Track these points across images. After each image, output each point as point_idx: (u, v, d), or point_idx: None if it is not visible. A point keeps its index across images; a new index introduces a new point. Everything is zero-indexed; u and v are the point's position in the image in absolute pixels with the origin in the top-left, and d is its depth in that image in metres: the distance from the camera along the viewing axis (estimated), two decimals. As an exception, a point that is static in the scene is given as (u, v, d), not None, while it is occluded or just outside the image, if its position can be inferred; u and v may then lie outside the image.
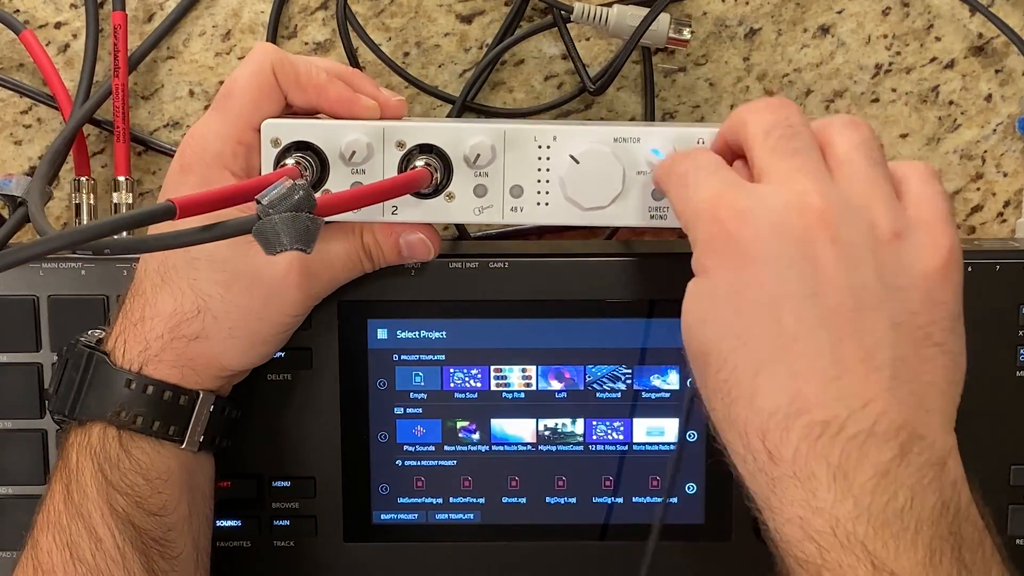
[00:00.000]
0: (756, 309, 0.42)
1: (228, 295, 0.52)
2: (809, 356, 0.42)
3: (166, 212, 0.40)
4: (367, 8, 0.67)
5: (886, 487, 0.41)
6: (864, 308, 0.42)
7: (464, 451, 0.60)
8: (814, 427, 0.41)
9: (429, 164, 0.52)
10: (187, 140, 0.53)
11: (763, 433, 0.42)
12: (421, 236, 0.55)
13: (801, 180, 0.44)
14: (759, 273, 0.43)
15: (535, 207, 0.53)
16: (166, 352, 0.53)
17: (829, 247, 0.43)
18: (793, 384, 0.42)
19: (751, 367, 0.43)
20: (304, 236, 0.41)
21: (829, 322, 0.42)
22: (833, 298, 0.42)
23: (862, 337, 0.42)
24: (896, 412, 0.41)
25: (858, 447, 0.41)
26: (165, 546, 0.53)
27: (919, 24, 0.68)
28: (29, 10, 0.67)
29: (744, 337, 0.43)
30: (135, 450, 0.52)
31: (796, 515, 0.41)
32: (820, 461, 0.41)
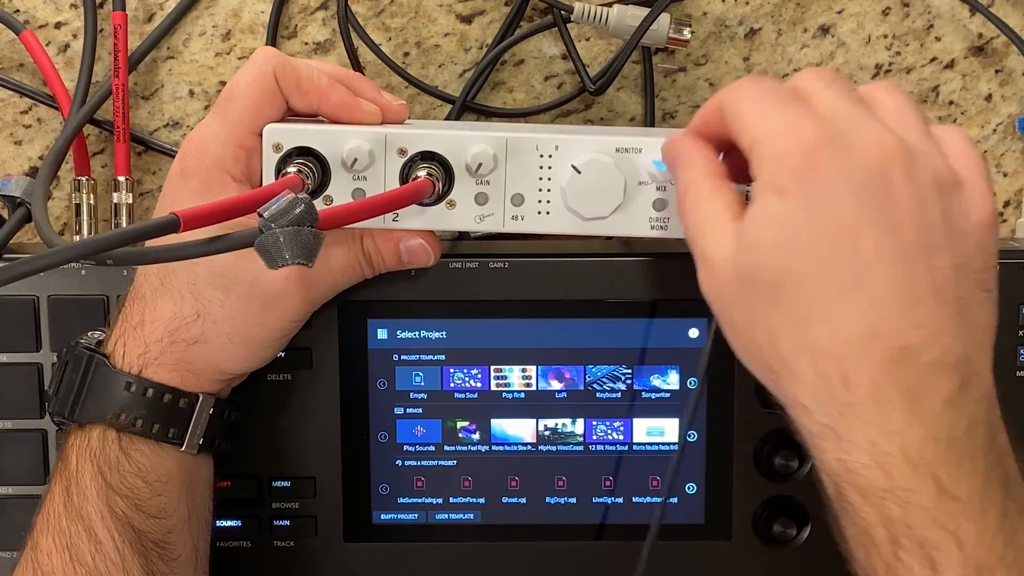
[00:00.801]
0: (837, 234, 0.43)
1: (227, 300, 0.52)
2: (888, 284, 0.43)
3: (170, 225, 0.41)
4: (367, 8, 0.67)
5: (951, 414, 0.42)
6: (934, 246, 0.44)
7: (464, 451, 0.60)
8: (892, 352, 0.42)
9: (431, 173, 0.51)
10: (187, 144, 0.53)
11: (840, 357, 0.43)
12: (421, 242, 0.55)
13: (875, 124, 0.45)
14: (841, 201, 0.43)
15: (536, 216, 0.53)
16: (165, 356, 0.53)
17: (905, 184, 0.44)
18: (872, 310, 0.43)
19: (830, 290, 0.43)
20: (306, 251, 0.42)
21: (905, 254, 0.43)
22: (908, 233, 0.43)
23: (933, 273, 0.43)
24: (960, 346, 0.43)
25: (929, 374, 0.42)
26: (165, 548, 0.53)
27: (919, 24, 0.68)
28: (29, 10, 0.67)
29: (824, 260, 0.43)
30: (135, 453, 0.52)
31: (867, 439, 0.42)
32: (895, 385, 0.42)
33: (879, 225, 0.43)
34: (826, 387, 0.43)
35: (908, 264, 0.43)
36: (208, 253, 0.42)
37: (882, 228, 0.43)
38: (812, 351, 0.43)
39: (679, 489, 0.60)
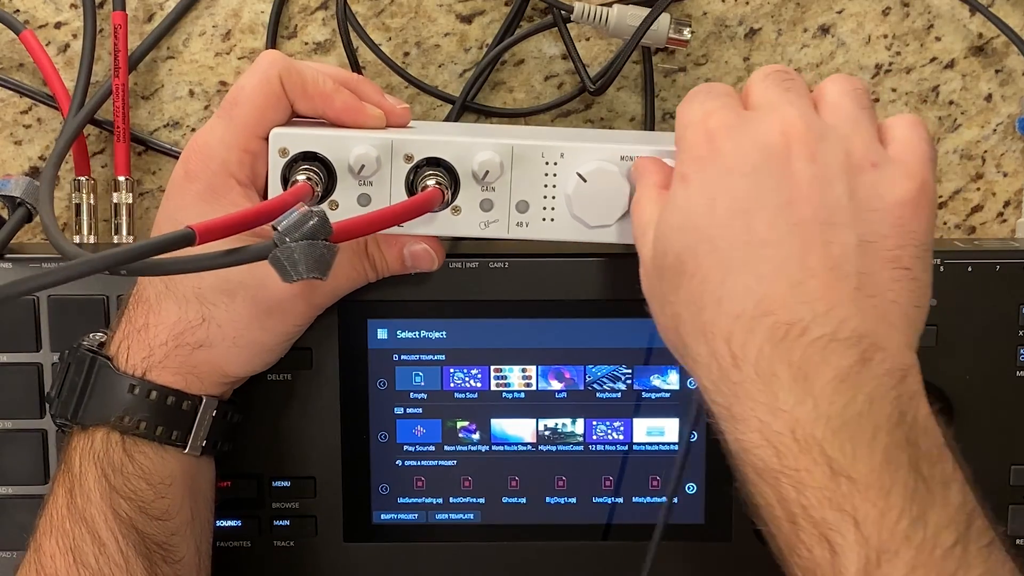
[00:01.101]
0: (731, 216, 0.44)
1: (233, 305, 0.52)
2: (777, 261, 0.43)
3: (185, 239, 0.41)
4: (367, 8, 0.67)
5: (845, 391, 0.41)
6: (834, 223, 0.44)
7: (464, 451, 0.60)
8: (778, 328, 0.42)
9: (440, 182, 0.51)
10: (192, 147, 0.53)
11: (728, 335, 0.43)
12: (425, 247, 0.55)
13: (788, 109, 0.46)
14: (736, 182, 0.44)
15: (540, 223, 0.53)
16: (169, 359, 0.53)
17: (805, 164, 0.44)
18: (760, 287, 0.43)
19: (721, 271, 0.44)
20: (320, 265, 0.42)
21: (799, 231, 0.44)
22: (805, 209, 0.44)
23: (830, 248, 0.43)
24: (858, 320, 0.42)
25: (820, 350, 0.42)
26: (168, 551, 0.53)
27: (919, 24, 0.68)
28: (29, 10, 0.67)
29: (716, 242, 0.44)
30: (138, 455, 0.52)
31: (756, 418, 0.42)
32: (782, 362, 0.42)
33: (773, 204, 0.44)
34: (719, 366, 0.43)
35: (801, 239, 0.43)
36: (224, 265, 0.42)
37: (776, 206, 0.44)
38: (704, 332, 0.44)
39: (679, 489, 0.60)
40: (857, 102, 0.48)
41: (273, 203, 0.45)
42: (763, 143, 0.45)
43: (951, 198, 0.69)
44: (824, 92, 0.48)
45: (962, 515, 0.41)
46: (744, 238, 0.44)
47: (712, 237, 0.44)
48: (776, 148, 0.45)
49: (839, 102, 0.47)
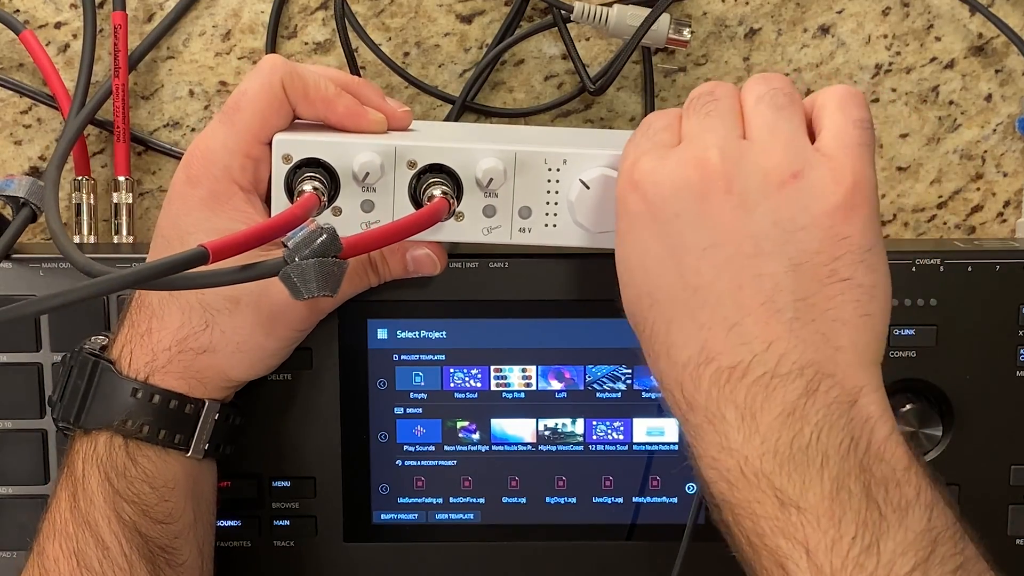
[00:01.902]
0: (661, 265, 0.45)
1: (236, 311, 0.52)
2: (711, 305, 0.43)
3: (200, 258, 0.42)
4: (367, 8, 0.67)
5: (792, 424, 0.42)
6: (761, 253, 0.43)
7: (464, 451, 0.60)
8: (721, 373, 0.43)
9: (445, 192, 0.51)
10: (193, 152, 0.52)
11: (680, 384, 0.44)
12: (428, 252, 0.55)
13: (705, 137, 0.45)
14: (663, 230, 0.44)
15: (543, 229, 0.53)
16: (173, 364, 0.53)
17: (724, 198, 0.44)
18: (700, 334, 0.44)
19: (663, 323, 0.44)
20: (330, 282, 0.43)
21: (727, 270, 0.44)
22: (730, 247, 0.44)
23: (761, 281, 0.43)
24: (799, 352, 0.43)
25: (763, 388, 0.42)
26: (171, 554, 0.53)
27: (919, 24, 0.68)
28: (29, 10, 0.67)
29: (655, 295, 0.45)
30: (141, 459, 0.52)
31: (710, 456, 0.44)
32: (728, 404, 0.43)
33: (698, 247, 0.44)
34: (679, 410, 0.45)
35: (731, 279, 0.43)
36: (236, 282, 0.43)
37: (702, 249, 0.44)
38: (661, 380, 0.45)
39: (679, 489, 0.60)
40: (773, 104, 0.46)
41: (282, 218, 0.45)
42: (680, 184, 0.44)
43: (951, 198, 0.69)
44: (744, 103, 0.47)
45: (924, 540, 0.41)
46: (678, 286, 0.44)
47: (650, 290, 0.45)
48: (693, 187, 0.44)
49: (755, 111, 0.46)
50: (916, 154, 0.69)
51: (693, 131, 0.46)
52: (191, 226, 0.51)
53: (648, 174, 0.45)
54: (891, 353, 0.58)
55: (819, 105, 0.47)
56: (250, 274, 0.43)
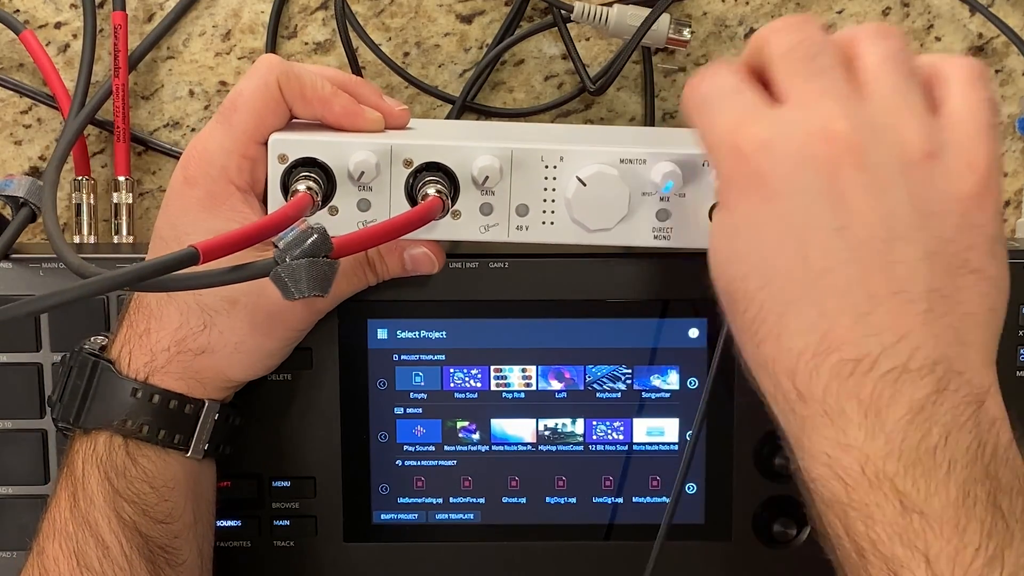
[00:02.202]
0: (781, 245, 0.41)
1: (234, 312, 0.52)
2: (839, 292, 0.40)
3: (190, 259, 0.41)
4: (367, 8, 0.67)
5: (920, 424, 0.39)
6: (896, 238, 0.40)
7: (464, 451, 0.60)
8: (845, 365, 0.40)
9: (440, 190, 0.51)
10: (190, 152, 0.52)
11: (792, 373, 0.41)
12: (425, 251, 0.55)
13: (825, 103, 0.41)
14: (783, 207, 0.41)
15: (540, 226, 0.53)
16: (172, 364, 0.53)
17: (856, 174, 0.40)
18: (823, 322, 0.40)
19: (778, 306, 0.41)
20: (321, 282, 0.42)
21: (859, 255, 0.40)
22: (863, 230, 0.40)
23: (895, 269, 0.40)
24: (932, 347, 0.40)
25: (891, 384, 0.40)
26: (171, 553, 0.53)
27: (919, 24, 0.68)
28: (29, 10, 0.67)
29: (770, 275, 0.41)
30: (141, 458, 0.52)
31: (824, 453, 0.40)
32: (851, 399, 0.40)
33: (827, 228, 0.41)
34: (785, 400, 0.42)
35: (862, 264, 0.40)
36: (227, 283, 0.43)
37: (831, 230, 0.41)
38: (765, 366, 0.42)
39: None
40: (899, 70, 0.42)
41: (274, 218, 0.45)
42: (805, 157, 0.41)
43: (951, 198, 0.69)
44: (860, 61, 0.43)
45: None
46: (800, 269, 0.41)
47: (764, 270, 0.41)
48: (820, 161, 0.41)
49: (880, 73, 0.42)
50: (916, 154, 0.69)
51: (804, 94, 0.42)
52: (188, 227, 0.51)
53: (761, 144, 0.41)
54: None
55: (943, 77, 0.43)
56: (241, 275, 0.43)
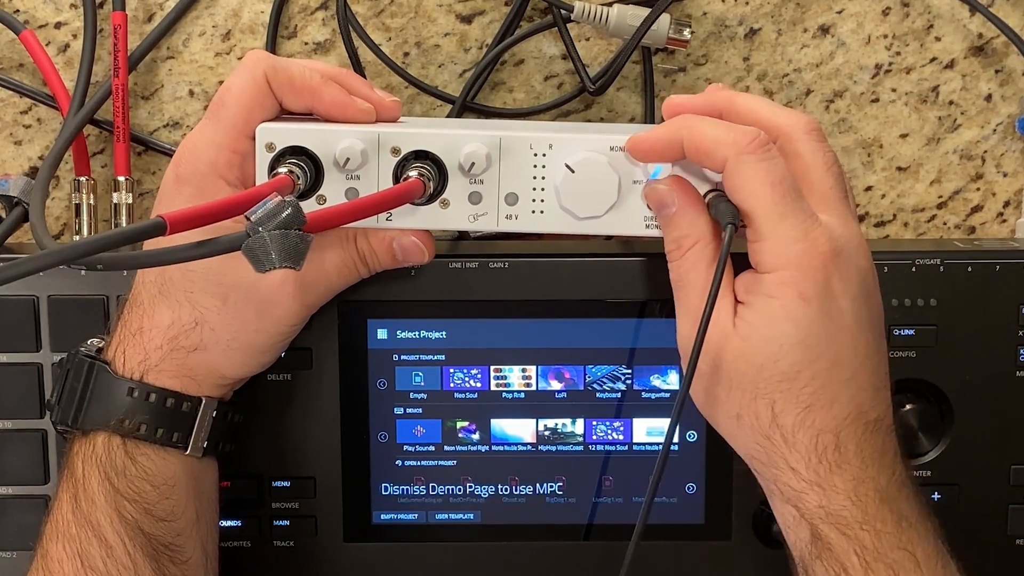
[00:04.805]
0: (844, 337, 0.49)
1: (225, 307, 0.52)
2: (870, 373, 0.51)
3: (156, 228, 0.40)
4: (367, 8, 0.67)
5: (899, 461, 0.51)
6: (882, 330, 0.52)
7: (464, 451, 0.60)
8: (868, 424, 0.50)
9: (423, 173, 0.51)
10: (181, 150, 0.53)
11: (836, 432, 0.49)
12: (414, 239, 0.55)
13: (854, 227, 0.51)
14: (846, 307, 0.49)
15: (530, 215, 0.53)
16: (166, 362, 0.53)
17: (875, 286, 0.51)
18: (861, 395, 0.50)
19: (834, 382, 0.49)
20: (293, 254, 0.41)
21: (879, 346, 0.51)
22: (880, 326, 0.51)
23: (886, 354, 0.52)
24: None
25: (887, 435, 0.51)
26: (175, 551, 0.53)
27: (919, 24, 0.68)
28: (29, 10, 0.67)
29: (833, 359, 0.49)
30: (140, 457, 0.52)
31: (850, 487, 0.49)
32: (871, 447, 0.50)
33: (868, 324, 0.50)
34: (820, 453, 0.49)
35: (880, 353, 0.51)
36: (196, 257, 0.42)
37: (870, 327, 0.51)
38: (814, 427, 0.49)
39: (679, 489, 0.60)
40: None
41: (248, 194, 0.44)
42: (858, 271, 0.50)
43: (951, 198, 0.69)
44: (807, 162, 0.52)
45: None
46: (852, 355, 0.50)
47: (829, 355, 0.49)
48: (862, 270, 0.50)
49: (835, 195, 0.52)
50: (916, 154, 0.69)
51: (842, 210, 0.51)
52: None
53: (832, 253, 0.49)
54: (891, 353, 0.58)
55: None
56: (209, 249, 0.42)
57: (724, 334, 0.50)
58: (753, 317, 0.49)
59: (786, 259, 0.49)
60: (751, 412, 0.50)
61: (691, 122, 0.50)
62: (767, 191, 0.49)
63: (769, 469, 0.51)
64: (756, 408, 0.50)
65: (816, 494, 0.49)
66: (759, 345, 0.49)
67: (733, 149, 0.49)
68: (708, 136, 0.49)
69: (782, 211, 0.49)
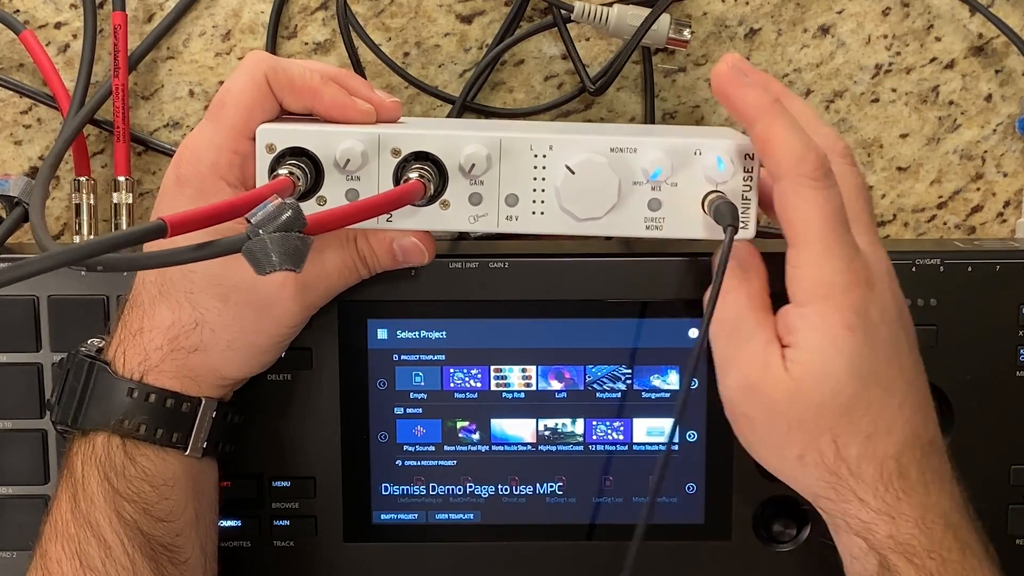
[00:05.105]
0: (890, 362, 0.50)
1: (225, 308, 0.52)
2: (919, 394, 0.52)
3: (157, 231, 0.40)
4: (367, 8, 0.67)
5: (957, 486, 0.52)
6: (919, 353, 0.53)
7: (464, 451, 0.60)
8: (925, 447, 0.51)
9: (423, 175, 0.51)
10: (182, 152, 0.52)
11: (898, 458, 0.50)
12: (414, 240, 0.55)
13: (881, 246, 0.53)
14: (887, 332, 0.50)
15: (530, 216, 0.53)
16: (165, 363, 0.53)
17: (904, 306, 0.52)
18: (915, 417, 0.51)
19: (889, 409, 0.50)
20: (294, 256, 0.41)
21: (919, 366, 0.52)
22: (917, 348, 0.53)
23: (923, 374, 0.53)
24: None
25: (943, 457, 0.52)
26: (174, 552, 0.53)
27: (919, 24, 0.68)
28: (29, 10, 0.67)
29: (884, 385, 0.50)
30: (140, 458, 0.52)
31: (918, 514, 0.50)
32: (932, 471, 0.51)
33: (907, 348, 0.52)
34: (887, 481, 0.50)
35: (922, 376, 0.52)
36: (196, 259, 0.42)
37: (909, 351, 0.52)
38: (876, 455, 0.50)
39: (679, 489, 0.60)
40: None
41: (248, 196, 0.44)
42: (890, 298, 0.51)
43: (951, 198, 0.69)
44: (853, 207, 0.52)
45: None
46: (900, 379, 0.51)
47: (880, 382, 0.50)
48: (896, 300, 0.52)
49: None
50: (916, 154, 0.69)
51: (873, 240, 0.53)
52: None
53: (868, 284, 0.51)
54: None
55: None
56: (210, 251, 0.42)
57: (776, 379, 0.50)
58: (802, 357, 0.50)
59: (828, 290, 0.49)
60: (815, 451, 0.50)
61: (775, 114, 0.49)
62: (819, 222, 0.49)
63: (838, 504, 0.51)
64: (820, 446, 0.50)
65: (885, 523, 0.50)
66: (814, 384, 0.50)
67: (796, 168, 0.49)
68: (781, 141, 0.49)
69: (829, 244, 0.49)
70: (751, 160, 0.52)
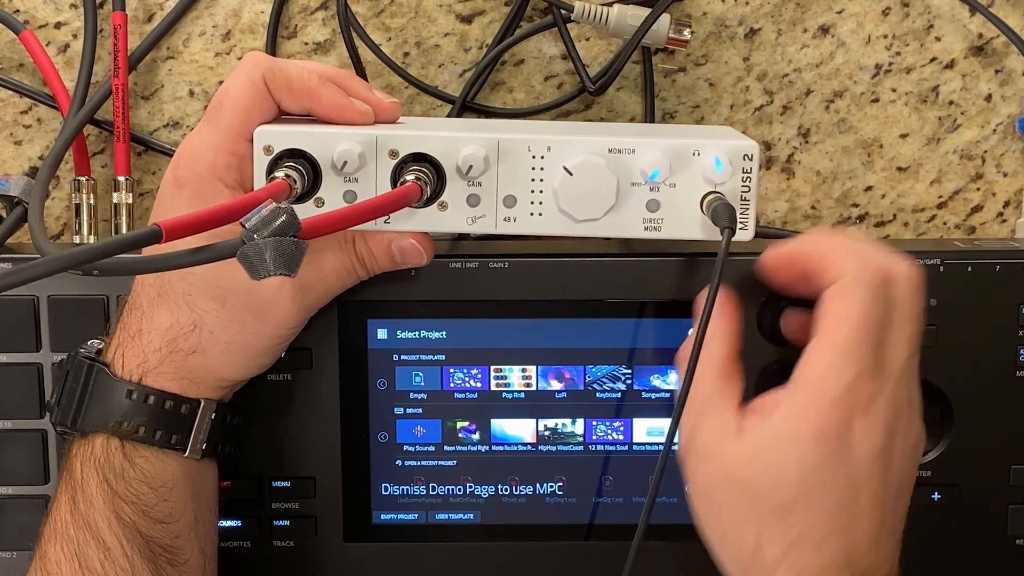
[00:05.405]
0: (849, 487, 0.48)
1: (223, 310, 0.52)
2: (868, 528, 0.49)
3: (152, 236, 0.41)
4: (367, 8, 0.67)
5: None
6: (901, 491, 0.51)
7: (464, 451, 0.60)
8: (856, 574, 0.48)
9: (419, 177, 0.51)
10: (180, 153, 0.52)
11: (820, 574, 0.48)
12: (413, 242, 0.55)
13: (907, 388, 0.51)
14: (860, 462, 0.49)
15: (528, 217, 0.53)
16: (164, 365, 0.53)
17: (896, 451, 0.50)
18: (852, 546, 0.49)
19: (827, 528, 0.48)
20: (288, 261, 0.41)
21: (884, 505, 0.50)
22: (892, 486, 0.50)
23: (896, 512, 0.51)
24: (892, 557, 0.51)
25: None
26: (173, 553, 0.53)
27: (919, 24, 0.68)
28: (29, 10, 0.67)
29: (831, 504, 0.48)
30: (139, 459, 0.52)
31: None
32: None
33: (876, 485, 0.49)
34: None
35: (884, 513, 0.50)
36: (192, 263, 0.42)
37: (878, 489, 0.49)
38: (796, 564, 0.48)
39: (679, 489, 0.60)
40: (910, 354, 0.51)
41: (243, 200, 0.44)
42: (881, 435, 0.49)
43: (951, 198, 0.69)
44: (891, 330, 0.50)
45: None
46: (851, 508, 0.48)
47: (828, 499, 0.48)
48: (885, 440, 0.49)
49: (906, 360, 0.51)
50: (916, 154, 0.69)
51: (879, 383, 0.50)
52: None
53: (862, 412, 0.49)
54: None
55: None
56: (205, 256, 0.42)
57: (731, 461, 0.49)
58: (761, 435, 0.49)
59: (821, 393, 0.48)
60: (736, 535, 0.49)
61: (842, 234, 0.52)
62: (852, 325, 0.48)
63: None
64: (742, 532, 0.49)
65: None
66: (759, 467, 0.48)
67: (855, 270, 0.49)
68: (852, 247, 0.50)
69: (849, 351, 0.48)
70: (750, 161, 0.52)
